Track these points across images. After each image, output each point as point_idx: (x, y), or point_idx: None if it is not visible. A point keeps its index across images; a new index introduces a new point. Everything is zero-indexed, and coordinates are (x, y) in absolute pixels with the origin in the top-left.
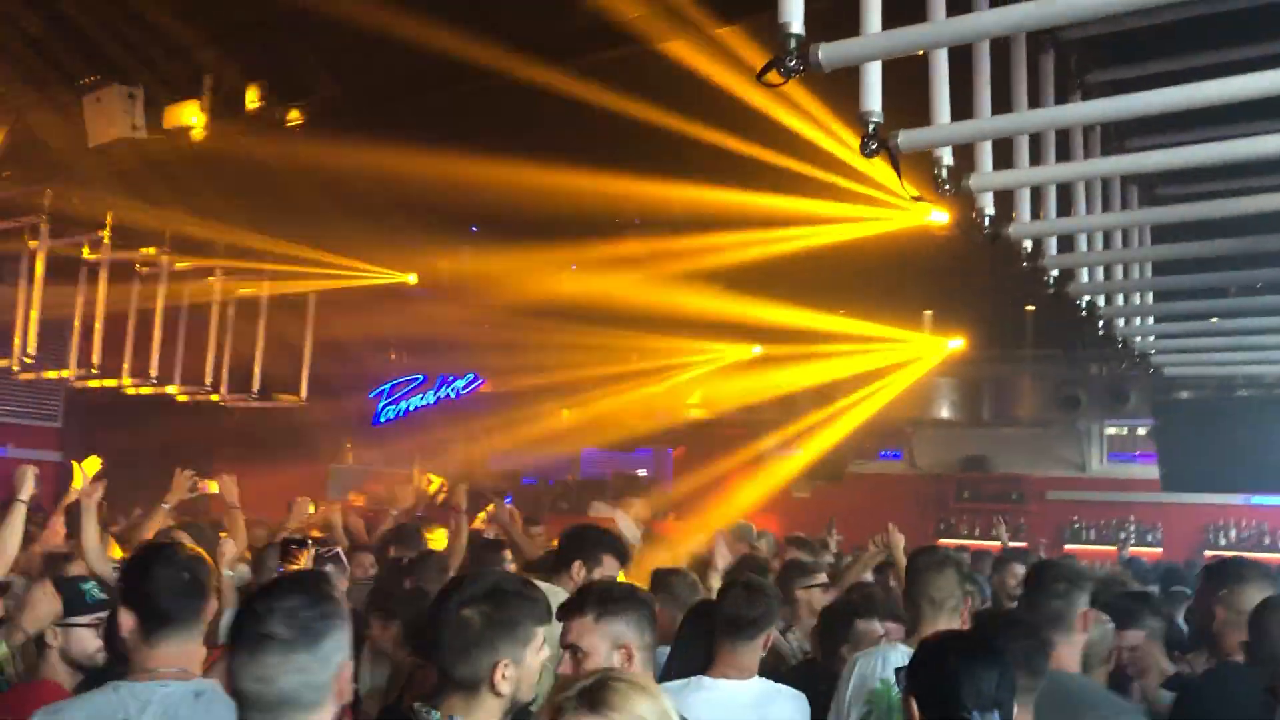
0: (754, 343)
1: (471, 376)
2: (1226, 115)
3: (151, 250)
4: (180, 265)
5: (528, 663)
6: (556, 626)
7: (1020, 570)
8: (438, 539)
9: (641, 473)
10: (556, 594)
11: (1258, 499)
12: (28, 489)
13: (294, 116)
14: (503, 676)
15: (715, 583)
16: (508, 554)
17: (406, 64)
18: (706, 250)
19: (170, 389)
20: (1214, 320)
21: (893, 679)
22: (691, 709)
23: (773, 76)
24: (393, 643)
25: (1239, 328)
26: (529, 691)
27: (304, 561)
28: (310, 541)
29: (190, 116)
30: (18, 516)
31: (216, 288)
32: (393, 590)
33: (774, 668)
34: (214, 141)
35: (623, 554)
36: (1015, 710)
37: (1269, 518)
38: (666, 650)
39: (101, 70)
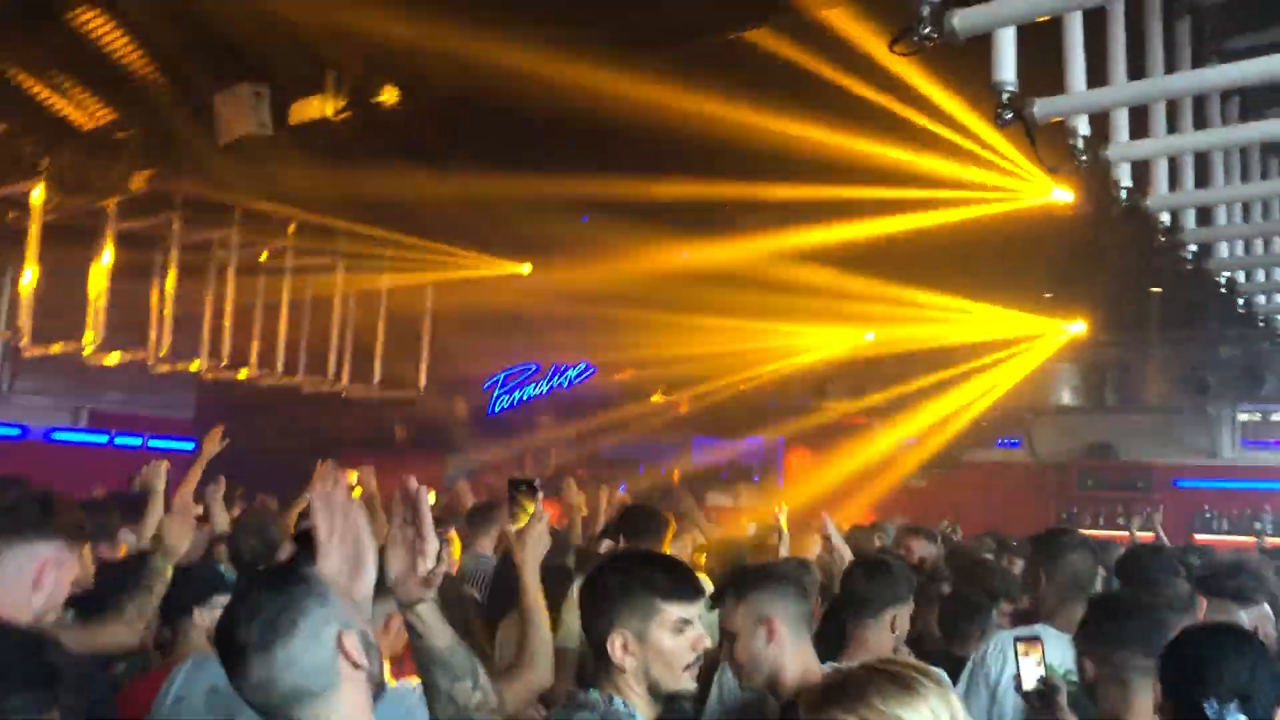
0: (867, 327)
1: (584, 365)
2: None
3: (278, 244)
4: (303, 259)
5: (654, 640)
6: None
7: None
8: None
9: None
10: None
11: None
12: (160, 480)
13: (398, 102)
14: (623, 649)
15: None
16: None
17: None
18: (819, 231)
19: (296, 379)
20: None
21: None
22: None
23: (903, 46)
24: None
25: None
26: (668, 676)
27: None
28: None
29: (314, 112)
30: (157, 505)
31: (339, 280)
32: None
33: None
34: (336, 136)
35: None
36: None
37: None
38: None
39: (231, 70)
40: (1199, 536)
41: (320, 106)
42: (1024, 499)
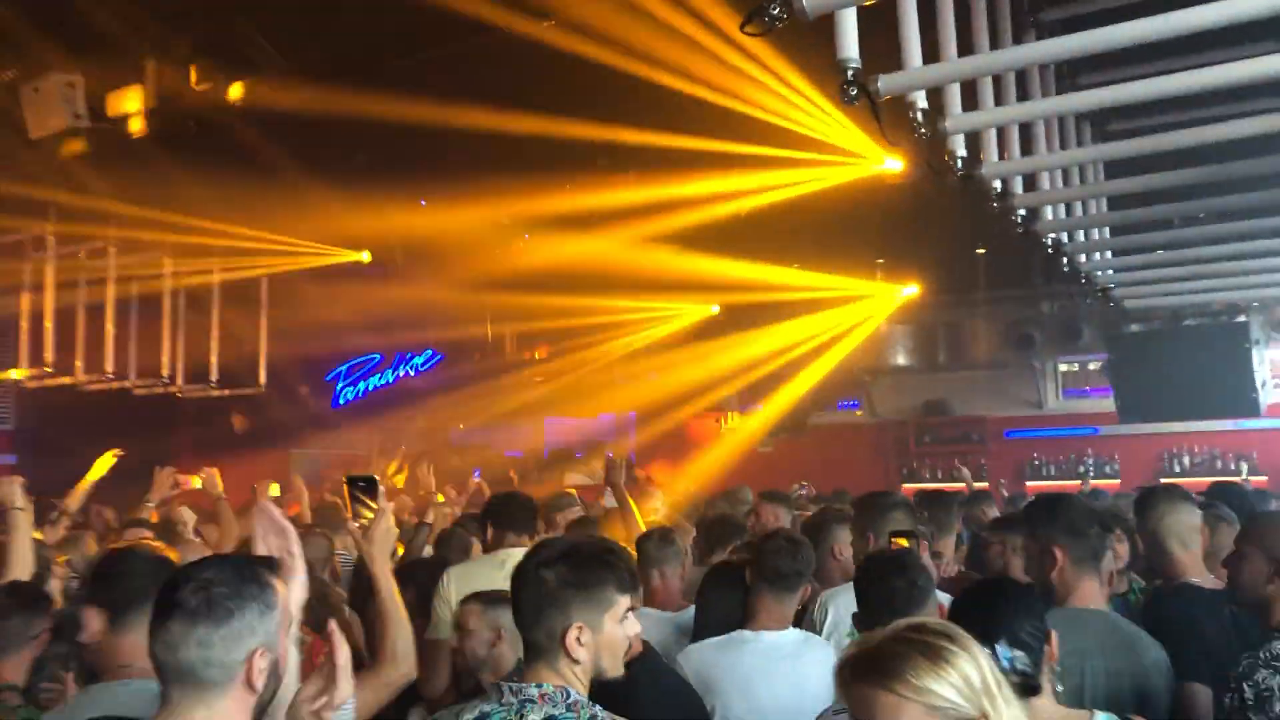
0: (713, 301)
1: (430, 353)
2: (1174, 49)
3: (98, 242)
4: (128, 256)
5: (607, 631)
6: None
7: (992, 511)
8: None
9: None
10: None
11: (1207, 425)
12: (19, 498)
13: (235, 93)
14: (578, 642)
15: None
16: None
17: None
18: (660, 210)
19: (127, 383)
20: (1163, 252)
21: None
22: (737, 663)
23: (753, 27)
24: None
25: (1192, 257)
26: (614, 664)
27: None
28: None
29: (133, 103)
30: (24, 525)
31: (167, 276)
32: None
33: None
34: (157, 127)
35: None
36: None
37: (1219, 442)
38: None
39: (38, 60)
40: (1029, 484)
41: (138, 96)
42: (866, 457)
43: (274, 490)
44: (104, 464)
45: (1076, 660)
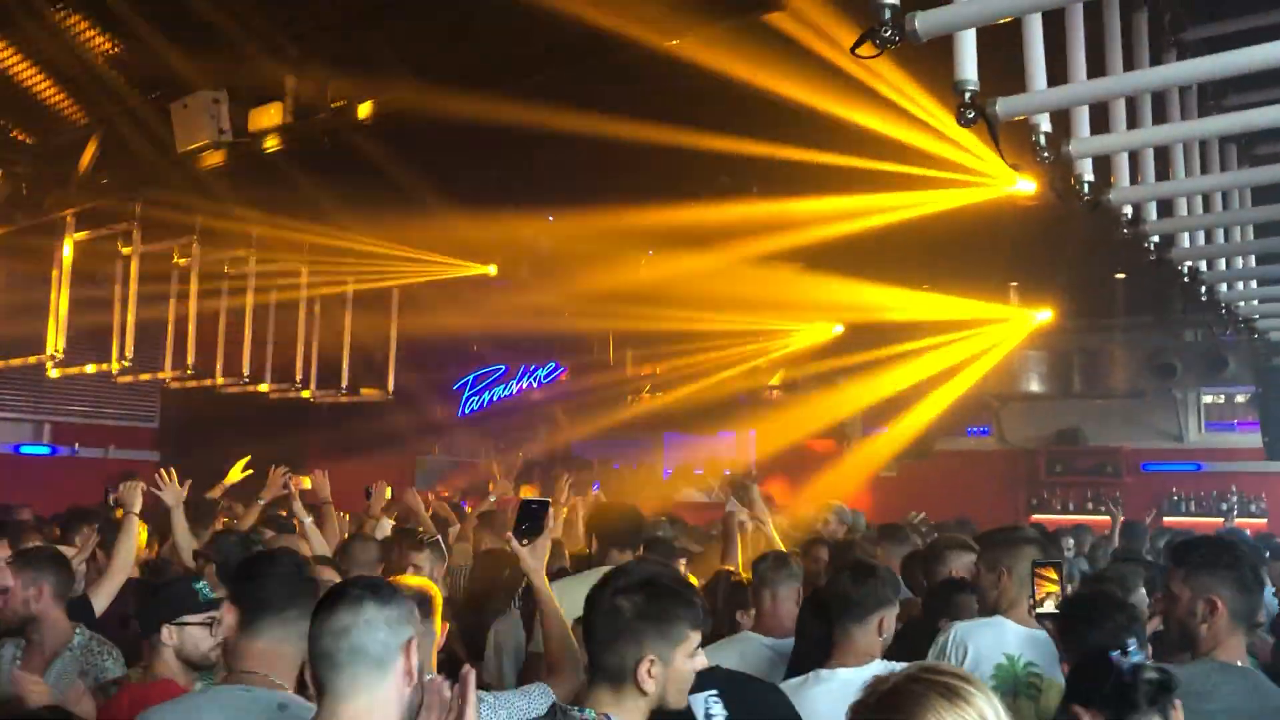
0: (836, 320)
1: (553, 365)
2: None
3: (240, 251)
4: (267, 266)
5: (677, 665)
6: None
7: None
8: None
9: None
10: None
11: None
12: (137, 503)
13: (365, 110)
14: (648, 674)
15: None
16: None
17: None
18: (785, 227)
19: (261, 387)
20: None
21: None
22: (811, 703)
23: (866, 49)
24: None
25: None
26: (679, 697)
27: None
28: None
29: (274, 118)
30: (131, 527)
31: (303, 285)
32: None
33: None
34: (296, 142)
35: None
36: None
37: None
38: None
39: (187, 77)
40: (1168, 519)
41: (278, 112)
42: (994, 485)
43: (387, 494)
44: (237, 472)
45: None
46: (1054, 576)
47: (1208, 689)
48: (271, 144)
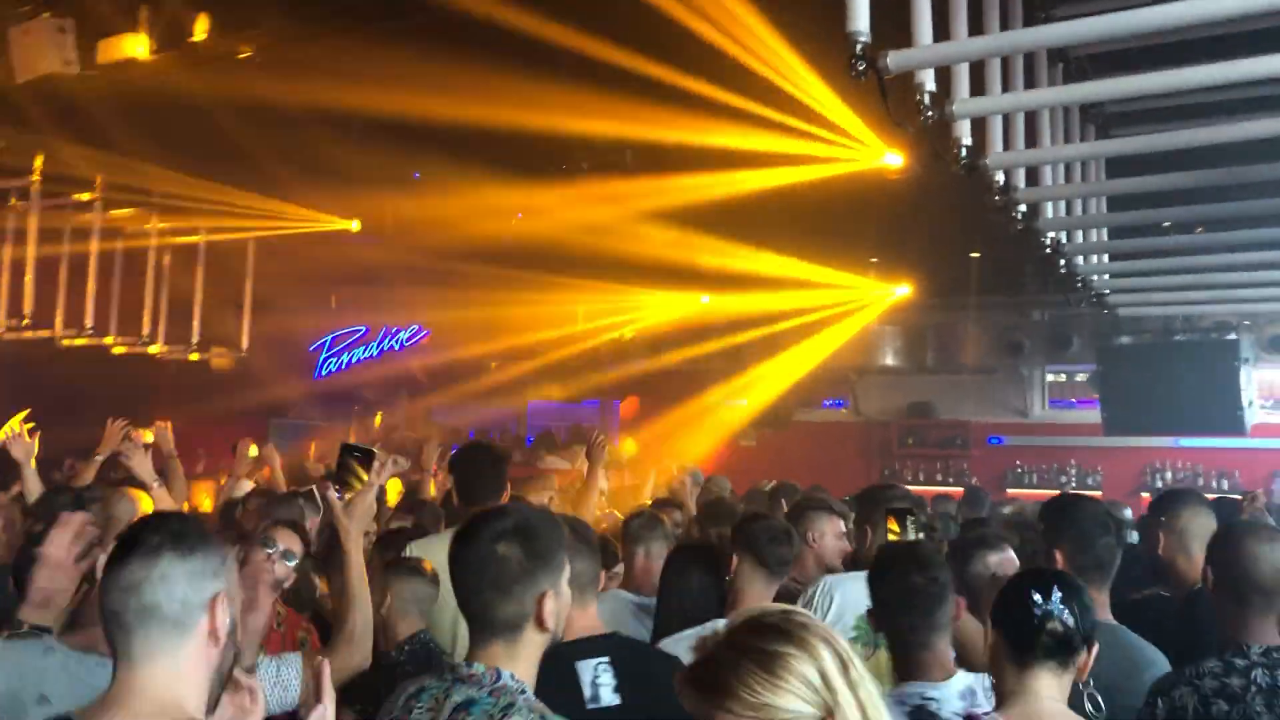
0: (702, 291)
1: (416, 328)
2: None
3: (85, 195)
4: (115, 211)
5: (564, 591)
6: None
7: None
8: None
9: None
10: None
11: (1191, 441)
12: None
13: (242, 50)
14: (551, 609)
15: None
16: None
17: None
18: (654, 193)
19: (106, 339)
20: (1158, 259)
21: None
22: None
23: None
24: None
25: (1188, 265)
26: (563, 625)
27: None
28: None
29: (129, 50)
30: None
31: (153, 235)
32: None
33: None
34: (152, 78)
35: None
36: None
37: (1203, 459)
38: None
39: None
40: (1010, 490)
41: (132, 45)
42: (849, 457)
43: (253, 451)
44: (17, 424)
45: None
46: (895, 527)
47: None
48: (123, 78)
